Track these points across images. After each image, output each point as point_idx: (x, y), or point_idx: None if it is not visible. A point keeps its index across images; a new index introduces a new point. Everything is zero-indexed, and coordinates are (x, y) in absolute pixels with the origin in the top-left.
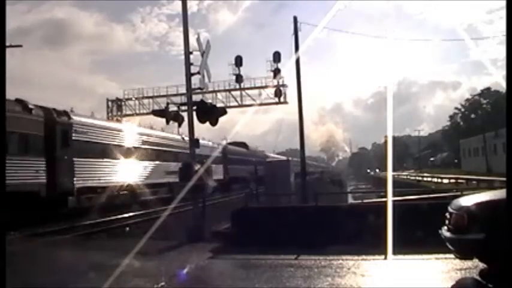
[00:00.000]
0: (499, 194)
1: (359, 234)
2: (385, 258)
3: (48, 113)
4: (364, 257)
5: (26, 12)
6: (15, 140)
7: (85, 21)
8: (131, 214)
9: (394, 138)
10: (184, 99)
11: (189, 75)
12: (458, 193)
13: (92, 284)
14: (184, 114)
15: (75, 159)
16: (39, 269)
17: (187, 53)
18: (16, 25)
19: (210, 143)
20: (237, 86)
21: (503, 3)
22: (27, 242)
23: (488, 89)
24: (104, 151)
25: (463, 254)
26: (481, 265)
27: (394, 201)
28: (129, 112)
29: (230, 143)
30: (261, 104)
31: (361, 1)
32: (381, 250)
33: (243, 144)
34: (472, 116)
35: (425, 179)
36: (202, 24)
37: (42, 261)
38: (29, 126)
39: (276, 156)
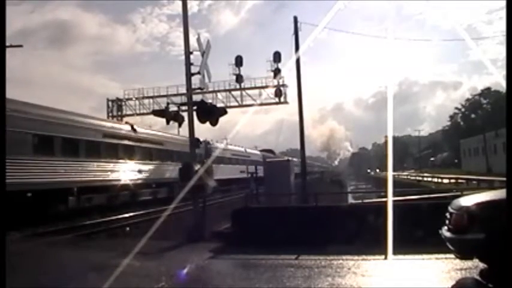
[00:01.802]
0: (499, 194)
1: (359, 234)
2: (386, 258)
3: (205, 141)
4: (364, 257)
5: (29, 13)
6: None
7: (87, 22)
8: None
9: (395, 138)
10: (184, 99)
11: (189, 75)
12: (459, 193)
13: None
14: (185, 114)
15: (213, 165)
16: None
17: (188, 53)
18: (20, 25)
19: (258, 152)
20: (237, 86)
21: (503, 4)
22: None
23: (488, 89)
24: (221, 160)
25: (463, 254)
26: (481, 265)
27: (394, 201)
28: (129, 112)
29: (261, 150)
30: (261, 104)
31: (362, 1)
32: (381, 250)
33: (270, 151)
34: (472, 116)
35: (425, 179)
36: (202, 25)
37: None
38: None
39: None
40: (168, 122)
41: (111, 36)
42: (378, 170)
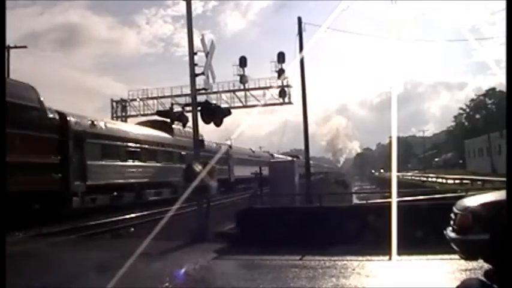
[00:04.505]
0: (503, 194)
1: (363, 234)
2: (390, 259)
3: (271, 153)
4: (368, 257)
5: (39, 15)
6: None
7: (94, 25)
8: None
9: (399, 139)
10: (188, 99)
11: (193, 75)
12: (463, 194)
13: None
14: (189, 115)
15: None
16: None
17: (192, 53)
18: (29, 27)
19: (290, 157)
20: (242, 87)
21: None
22: None
23: (493, 89)
24: None
25: (467, 254)
26: (486, 266)
27: (398, 201)
28: (133, 113)
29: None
30: (265, 105)
31: (365, 1)
32: (385, 251)
33: (296, 156)
34: (477, 116)
35: (430, 179)
36: (207, 26)
37: None
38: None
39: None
40: (172, 123)
41: (117, 37)
42: (382, 171)
